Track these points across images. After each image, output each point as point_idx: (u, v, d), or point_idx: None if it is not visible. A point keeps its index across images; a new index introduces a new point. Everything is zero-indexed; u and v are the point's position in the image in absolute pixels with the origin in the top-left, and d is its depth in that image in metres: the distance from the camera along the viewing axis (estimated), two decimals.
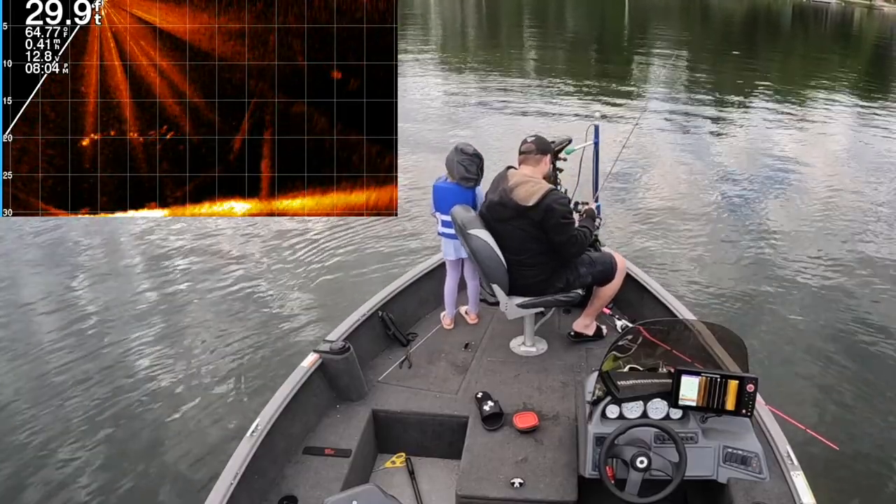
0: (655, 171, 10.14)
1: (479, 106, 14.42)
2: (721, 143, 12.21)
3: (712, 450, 3.12)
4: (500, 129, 12.18)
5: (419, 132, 11.59)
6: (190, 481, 4.26)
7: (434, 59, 21.03)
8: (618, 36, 31.29)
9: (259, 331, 5.93)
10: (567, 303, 4.23)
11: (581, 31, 32.66)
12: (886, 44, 29.50)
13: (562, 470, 3.35)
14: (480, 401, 3.78)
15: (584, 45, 27.51)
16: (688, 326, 3.53)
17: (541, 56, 23.94)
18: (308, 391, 3.66)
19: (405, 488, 3.66)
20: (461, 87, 16.70)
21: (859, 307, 6.27)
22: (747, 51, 25.27)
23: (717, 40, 29.13)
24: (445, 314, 4.68)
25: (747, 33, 32.20)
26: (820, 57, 25.42)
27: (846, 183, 9.94)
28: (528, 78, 18.60)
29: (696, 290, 6.58)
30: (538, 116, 13.43)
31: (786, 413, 3.63)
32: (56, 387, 5.16)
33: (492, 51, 25.24)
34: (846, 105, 15.74)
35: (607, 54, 25.18)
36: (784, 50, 26.77)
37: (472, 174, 4.19)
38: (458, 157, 4.17)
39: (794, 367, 5.39)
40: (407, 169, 8.96)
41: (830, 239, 7.80)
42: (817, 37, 33.09)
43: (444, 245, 4.50)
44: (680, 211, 8.69)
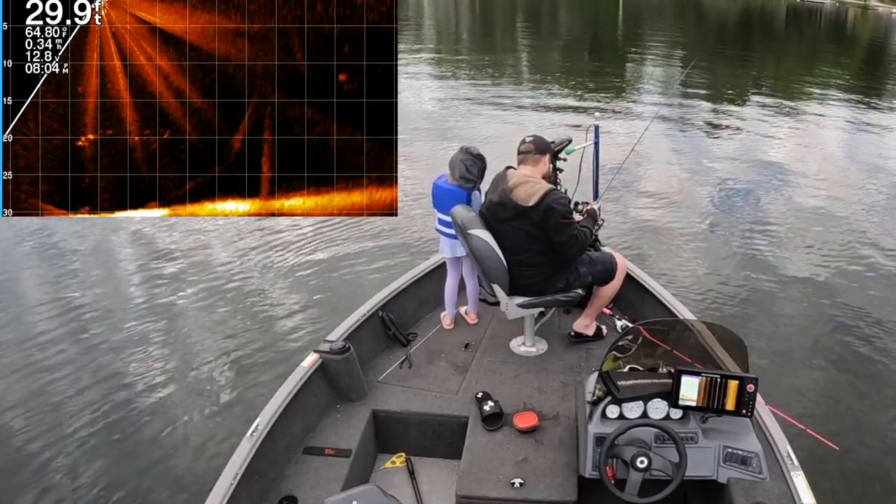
0: (652, 170, 10.13)
1: (475, 107, 14.40)
2: (717, 143, 12.22)
3: (712, 450, 3.12)
4: (498, 130, 12.15)
5: (417, 132, 11.57)
6: (190, 481, 4.26)
7: (429, 61, 20.95)
8: (612, 36, 31.32)
9: (259, 331, 5.93)
10: (567, 303, 4.22)
11: (575, 31, 32.64)
12: (881, 44, 29.51)
13: (562, 470, 3.35)
14: (480, 401, 3.78)
15: (578, 45, 27.52)
16: (688, 326, 3.53)
17: (535, 57, 23.96)
18: (308, 391, 3.66)
19: (405, 488, 3.66)
20: (457, 88, 16.64)
21: (860, 307, 6.27)
22: (742, 50, 25.29)
23: (711, 40, 29.17)
24: (445, 314, 4.68)
25: (741, 33, 32.20)
26: (814, 57, 25.44)
27: (843, 182, 9.96)
28: (523, 79, 18.63)
29: (697, 289, 6.58)
30: (536, 117, 13.41)
31: (786, 413, 3.63)
32: (54, 388, 5.16)
33: (486, 52, 25.18)
34: (841, 104, 15.75)
35: (602, 54, 25.19)
36: (778, 50, 26.76)
37: (472, 175, 4.18)
38: (462, 157, 4.17)
39: (795, 367, 5.39)
40: (405, 169, 8.96)
41: (830, 238, 7.80)
42: (811, 37, 33.08)
43: (442, 243, 4.50)
44: (678, 211, 8.69)
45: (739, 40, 29.34)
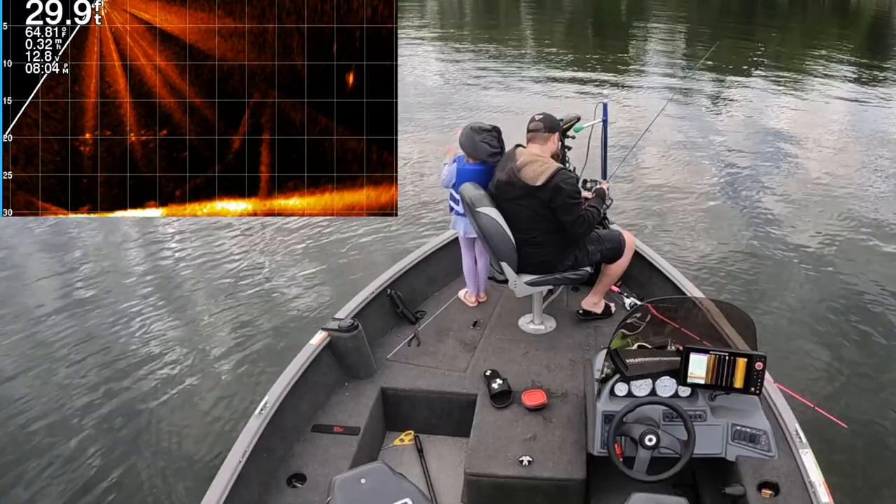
0: (659, 147, 10.06)
1: (480, 86, 14.33)
2: (723, 120, 12.13)
3: (721, 428, 3.12)
4: (505, 106, 12.13)
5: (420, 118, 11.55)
6: (199, 459, 4.30)
7: (434, 43, 20.77)
8: (615, 14, 30.94)
9: (267, 310, 5.95)
10: (576, 280, 4.21)
11: (578, 9, 32.22)
12: (884, 18, 29.10)
13: (570, 448, 3.35)
14: (489, 379, 3.78)
15: (581, 23, 27.22)
16: (696, 304, 3.52)
17: (540, 35, 23.75)
18: (317, 369, 3.67)
19: (413, 466, 3.68)
20: (462, 68, 16.51)
21: (871, 285, 6.24)
22: (745, 26, 24.97)
23: (714, 17, 28.80)
24: (468, 292, 4.67)
25: (745, 10, 31.71)
26: (818, 31, 25.12)
27: (854, 161, 9.84)
28: (529, 58, 18.44)
29: (705, 267, 6.56)
30: (542, 96, 13.34)
31: (795, 391, 3.63)
32: (68, 364, 5.21)
33: (490, 31, 24.95)
34: (849, 79, 15.62)
35: (605, 32, 24.99)
36: (782, 26, 26.40)
37: (496, 148, 4.17)
38: (479, 137, 4.13)
39: (804, 344, 5.37)
40: (404, 165, 8.99)
41: (841, 215, 7.74)
42: (815, 11, 32.61)
43: (459, 223, 4.45)
44: (686, 188, 8.64)
45: (743, 15, 28.96)
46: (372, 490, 2.32)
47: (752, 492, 2.93)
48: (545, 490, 3.23)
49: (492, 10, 32.57)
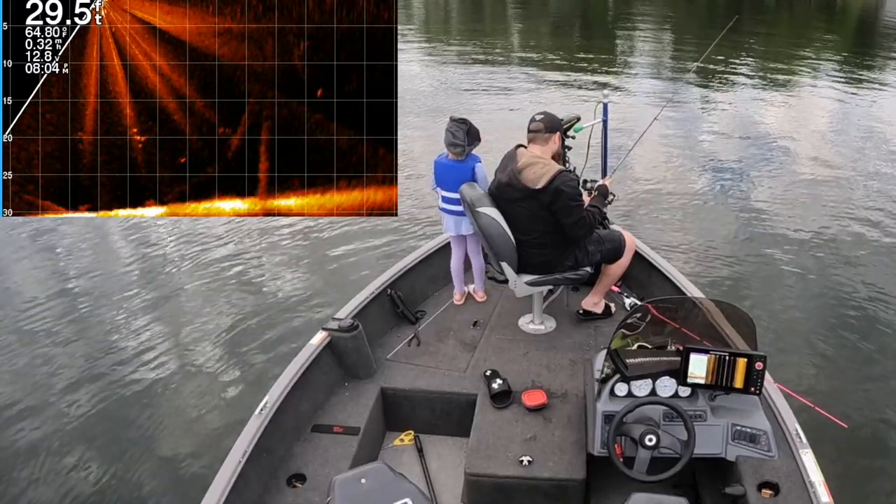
0: (655, 148, 10.03)
1: (475, 89, 14.28)
2: (714, 120, 12.13)
3: (721, 428, 3.11)
4: (502, 112, 12.10)
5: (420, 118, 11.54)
6: (199, 459, 4.30)
7: (424, 46, 20.71)
8: (602, 14, 30.87)
9: (267, 310, 5.95)
10: (576, 280, 4.21)
11: (564, 9, 32.12)
12: (871, 17, 29.04)
13: (570, 448, 3.35)
14: (489, 379, 3.78)
15: (568, 24, 27.14)
16: (696, 304, 3.52)
17: (527, 37, 23.67)
18: (317, 369, 3.67)
19: (413, 466, 3.68)
20: (455, 71, 16.44)
21: (871, 284, 6.23)
22: (732, 26, 24.90)
23: (701, 16, 28.77)
24: (455, 291, 4.68)
25: (734, 9, 31.64)
26: (804, 31, 25.08)
27: (851, 158, 9.87)
28: (520, 59, 18.38)
29: (705, 267, 6.56)
30: (538, 97, 13.30)
31: (795, 391, 3.63)
32: (67, 365, 5.22)
33: (478, 34, 24.82)
34: (840, 76, 15.68)
35: (592, 32, 24.95)
36: (770, 23, 26.33)
37: (458, 140, 4.09)
38: (447, 126, 4.13)
39: (804, 344, 5.37)
40: (404, 165, 8.95)
41: (840, 215, 7.74)
42: (801, 9, 32.56)
43: (446, 221, 4.46)
44: (686, 188, 8.65)
45: (730, 15, 28.88)
46: (372, 490, 2.32)
47: (752, 492, 2.93)
48: (545, 490, 3.23)
49: (478, 16, 32.45)
